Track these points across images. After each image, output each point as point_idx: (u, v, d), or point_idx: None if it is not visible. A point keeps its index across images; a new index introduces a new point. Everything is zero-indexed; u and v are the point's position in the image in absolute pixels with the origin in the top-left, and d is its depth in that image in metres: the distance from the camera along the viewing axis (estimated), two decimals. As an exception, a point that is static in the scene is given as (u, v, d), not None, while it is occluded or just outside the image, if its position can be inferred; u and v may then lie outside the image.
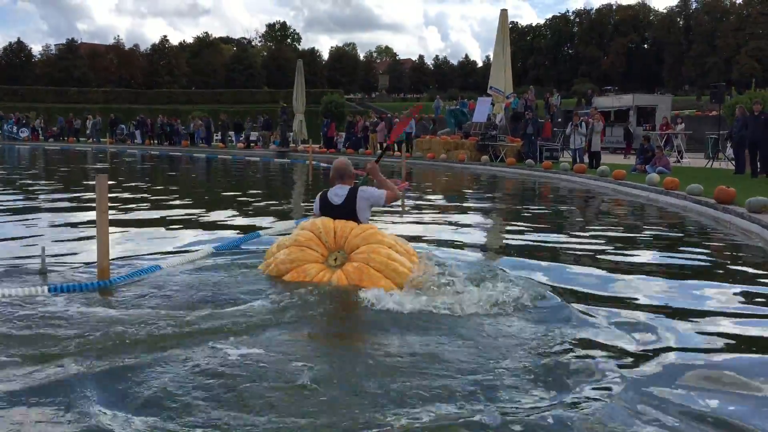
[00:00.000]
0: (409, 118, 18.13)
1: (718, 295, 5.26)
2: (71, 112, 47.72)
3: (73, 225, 8.71)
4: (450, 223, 9.37)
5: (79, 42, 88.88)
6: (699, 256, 6.96)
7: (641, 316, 4.53)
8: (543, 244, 7.68)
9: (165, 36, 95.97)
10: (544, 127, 25.41)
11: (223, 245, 6.75)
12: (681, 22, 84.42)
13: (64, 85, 75.59)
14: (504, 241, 8.42)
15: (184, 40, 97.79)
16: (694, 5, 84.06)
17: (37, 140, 42.64)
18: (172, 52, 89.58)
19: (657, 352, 3.80)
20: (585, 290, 5.28)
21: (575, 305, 4.69)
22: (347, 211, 5.48)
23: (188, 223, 9.06)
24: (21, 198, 12.31)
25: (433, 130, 31.31)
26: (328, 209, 5.56)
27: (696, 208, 10.87)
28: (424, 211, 10.97)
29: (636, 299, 5.03)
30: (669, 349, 3.87)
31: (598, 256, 6.78)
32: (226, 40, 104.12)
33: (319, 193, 5.73)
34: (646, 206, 12.08)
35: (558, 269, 6.09)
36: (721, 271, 6.33)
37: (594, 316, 4.46)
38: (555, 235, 8.39)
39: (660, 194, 12.65)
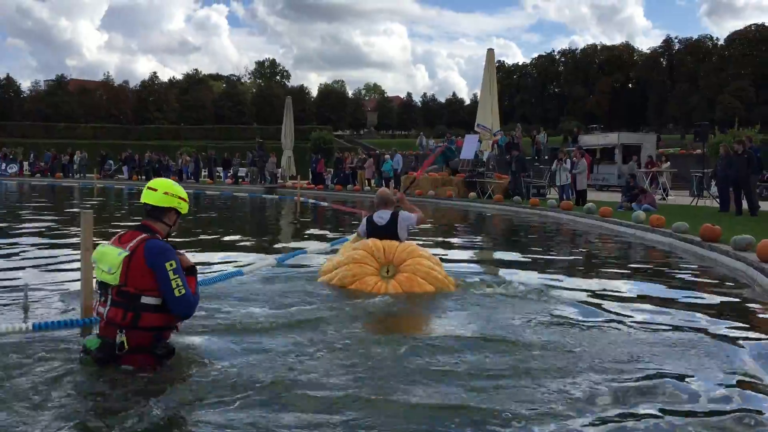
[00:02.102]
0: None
1: None
2: (53, 148, 47.53)
3: (57, 261, 8.62)
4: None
5: (68, 78, 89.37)
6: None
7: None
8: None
9: (155, 72, 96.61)
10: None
11: (204, 281, 6.72)
12: (664, 63, 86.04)
13: (52, 120, 75.67)
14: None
15: (173, 77, 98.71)
16: (677, 46, 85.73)
17: (23, 176, 42.48)
18: (161, 88, 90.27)
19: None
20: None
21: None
22: (390, 230, 6.82)
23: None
24: (5, 233, 12.20)
25: (414, 167, 31.53)
26: (374, 229, 6.91)
27: (682, 245, 10.92)
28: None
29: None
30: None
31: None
32: (216, 77, 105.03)
33: (366, 217, 7.19)
34: (635, 244, 12.14)
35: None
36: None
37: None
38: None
39: (646, 231, 12.71)
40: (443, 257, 8.48)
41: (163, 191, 4.00)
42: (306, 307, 5.69)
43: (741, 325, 5.61)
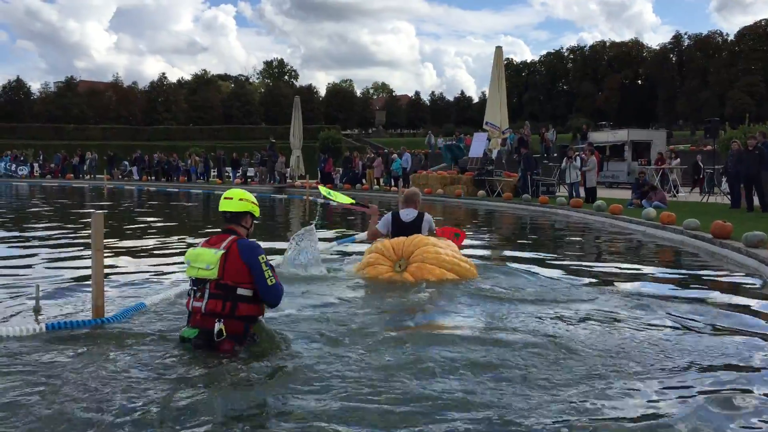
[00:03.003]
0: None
1: None
2: (63, 149, 47.87)
3: (69, 261, 8.66)
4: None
5: (77, 80, 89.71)
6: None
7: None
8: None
9: (163, 73, 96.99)
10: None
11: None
12: (674, 59, 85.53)
13: (62, 122, 76.06)
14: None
15: (182, 78, 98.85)
16: (686, 42, 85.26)
17: (33, 177, 42.76)
18: (170, 89, 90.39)
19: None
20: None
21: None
22: (415, 227, 7.27)
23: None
24: (16, 235, 12.27)
25: (423, 165, 31.52)
26: (400, 225, 7.37)
27: (693, 242, 10.86)
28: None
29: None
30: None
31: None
32: (224, 77, 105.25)
33: (390, 212, 7.60)
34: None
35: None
36: None
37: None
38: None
39: (657, 229, 12.65)
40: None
41: (238, 199, 4.56)
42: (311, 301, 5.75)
43: None
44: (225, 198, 4.58)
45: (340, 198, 8.70)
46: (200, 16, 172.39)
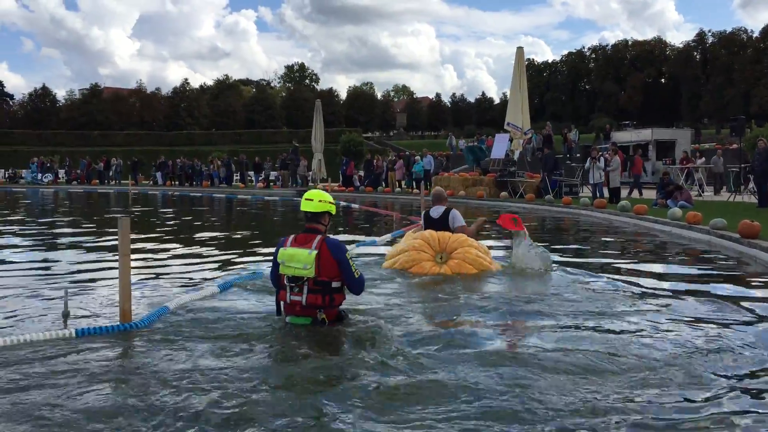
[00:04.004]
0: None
1: None
2: (88, 156, 48.59)
3: (96, 267, 8.76)
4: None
5: (102, 87, 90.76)
6: None
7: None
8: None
9: (186, 79, 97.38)
10: (635, 164, 23.74)
11: (227, 283, 6.81)
12: (698, 56, 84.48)
13: (87, 128, 77.02)
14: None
15: (204, 83, 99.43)
16: (710, 39, 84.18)
17: (57, 183, 43.37)
18: (192, 94, 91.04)
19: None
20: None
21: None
22: (443, 223, 8.15)
23: (201, 261, 9.08)
24: (44, 239, 12.44)
25: (445, 167, 31.44)
26: (430, 221, 8.30)
27: (720, 242, 10.71)
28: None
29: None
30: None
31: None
32: (246, 82, 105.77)
33: (424, 211, 8.69)
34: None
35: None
36: None
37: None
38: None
39: (683, 229, 12.50)
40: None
41: (317, 200, 5.15)
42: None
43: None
44: (306, 199, 5.18)
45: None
46: (221, 22, 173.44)
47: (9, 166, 51.14)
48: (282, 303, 5.08)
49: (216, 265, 8.93)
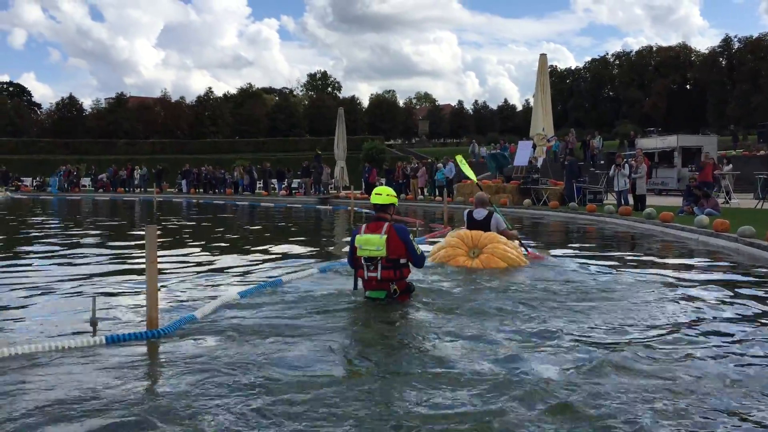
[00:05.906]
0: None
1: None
2: (113, 164, 49.31)
3: (123, 274, 8.85)
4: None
5: (127, 96, 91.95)
6: None
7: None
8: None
9: (210, 87, 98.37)
10: (704, 171, 20.83)
11: (249, 290, 6.83)
12: (724, 62, 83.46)
13: (113, 137, 78.05)
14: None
15: (228, 91, 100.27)
16: (736, 45, 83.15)
17: (79, 190, 43.98)
18: (216, 103, 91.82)
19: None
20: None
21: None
22: (485, 224, 9.18)
23: (222, 269, 9.13)
24: (71, 247, 12.58)
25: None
26: (473, 222, 9.30)
27: (748, 251, 10.55)
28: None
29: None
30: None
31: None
32: (269, 90, 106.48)
33: (466, 212, 9.57)
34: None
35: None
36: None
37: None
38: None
39: (710, 236, 12.34)
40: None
41: (385, 194, 6.40)
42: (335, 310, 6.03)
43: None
44: (376, 194, 6.37)
45: (468, 171, 12.27)
46: (244, 31, 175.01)
47: (37, 174, 51.99)
48: (360, 280, 6.24)
49: (239, 272, 8.96)
